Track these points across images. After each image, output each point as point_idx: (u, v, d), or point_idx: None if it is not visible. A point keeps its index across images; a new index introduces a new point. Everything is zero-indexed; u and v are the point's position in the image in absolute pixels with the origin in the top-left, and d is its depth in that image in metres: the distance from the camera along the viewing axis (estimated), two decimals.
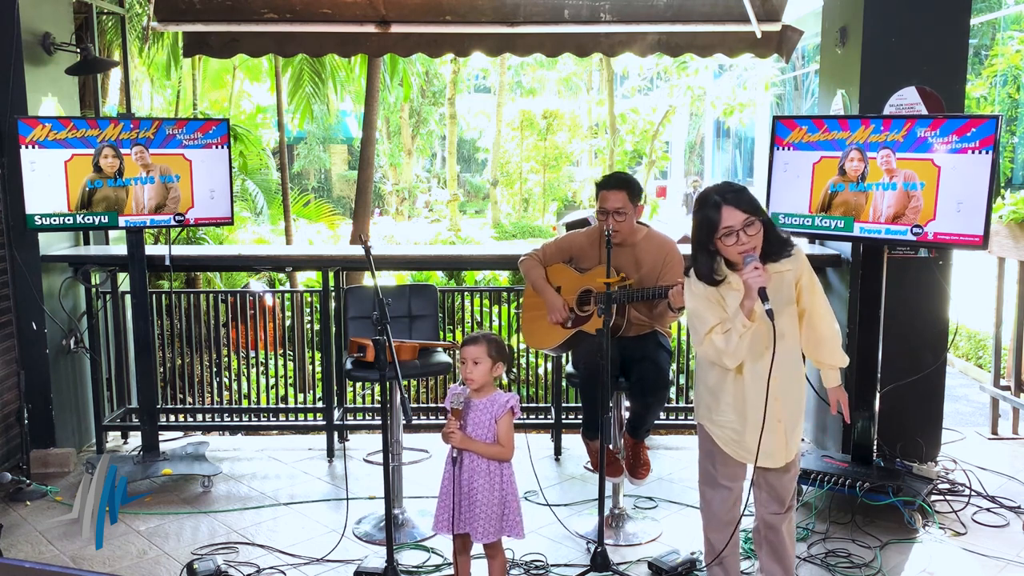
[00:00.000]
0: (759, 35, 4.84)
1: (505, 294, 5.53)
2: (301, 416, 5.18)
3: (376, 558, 3.39)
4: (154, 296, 4.98)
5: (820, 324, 2.83)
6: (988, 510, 3.94)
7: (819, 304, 2.82)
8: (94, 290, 4.78)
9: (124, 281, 4.73)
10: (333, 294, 4.82)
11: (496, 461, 2.92)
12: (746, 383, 2.78)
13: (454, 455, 2.91)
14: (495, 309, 6.86)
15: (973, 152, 3.41)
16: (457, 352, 4.64)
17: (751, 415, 2.78)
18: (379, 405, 4.80)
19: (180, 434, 5.01)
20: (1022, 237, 4.90)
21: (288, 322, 5.67)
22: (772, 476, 2.89)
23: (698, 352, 2.87)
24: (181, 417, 5.21)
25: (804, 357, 2.91)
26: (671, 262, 3.61)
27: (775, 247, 2.71)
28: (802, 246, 4.01)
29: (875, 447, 3.98)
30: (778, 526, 2.93)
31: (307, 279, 10.02)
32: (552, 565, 3.46)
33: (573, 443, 4.75)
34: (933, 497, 3.95)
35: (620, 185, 3.59)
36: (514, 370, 6.30)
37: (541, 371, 6.01)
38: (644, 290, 3.46)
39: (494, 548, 3.02)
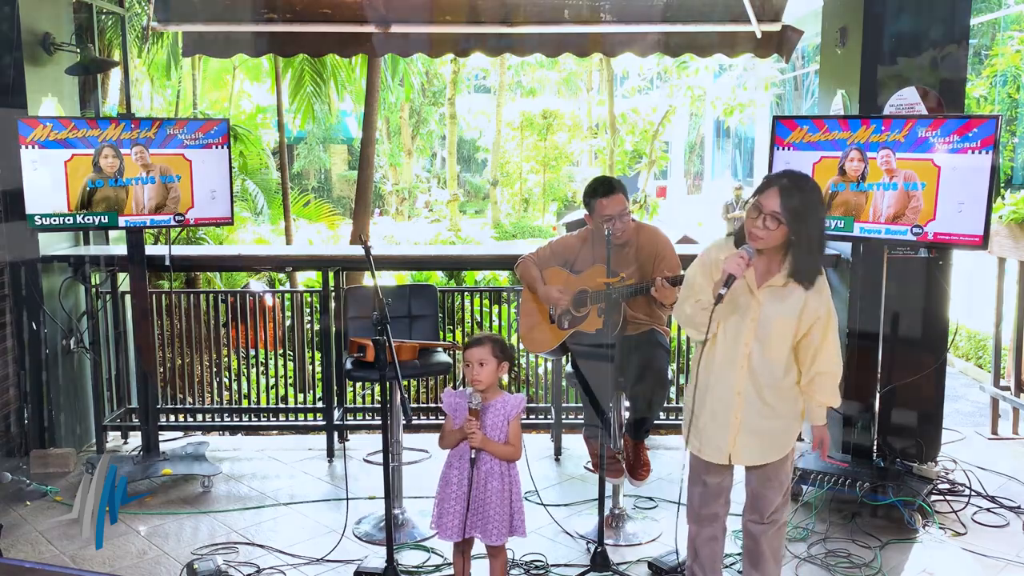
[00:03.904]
0: (759, 35, 4.84)
1: (505, 294, 5.53)
2: (301, 416, 5.19)
3: (376, 558, 3.39)
4: (154, 296, 4.97)
5: (824, 362, 2.73)
6: (988, 510, 3.94)
7: (830, 343, 2.72)
8: (94, 290, 4.78)
9: (124, 281, 4.73)
10: (333, 294, 4.82)
11: (507, 461, 2.92)
12: (711, 371, 2.79)
13: (472, 456, 2.87)
14: (495, 309, 6.85)
15: (973, 152, 3.41)
16: (457, 352, 4.67)
17: (709, 403, 2.80)
18: (379, 405, 4.80)
19: (180, 434, 5.01)
20: (1022, 237, 4.90)
21: (288, 322, 5.67)
22: (755, 479, 2.87)
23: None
24: (181, 417, 5.20)
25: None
26: (664, 256, 3.61)
27: (796, 270, 2.66)
28: None
29: (875, 447, 3.98)
30: (757, 536, 2.89)
31: (307, 279, 10.02)
32: (552, 565, 3.46)
33: (573, 443, 4.74)
34: (933, 497, 3.95)
35: (618, 188, 3.60)
36: (514, 370, 6.30)
37: (541, 371, 6.01)
38: (634, 286, 3.46)
39: (498, 547, 3.02)
